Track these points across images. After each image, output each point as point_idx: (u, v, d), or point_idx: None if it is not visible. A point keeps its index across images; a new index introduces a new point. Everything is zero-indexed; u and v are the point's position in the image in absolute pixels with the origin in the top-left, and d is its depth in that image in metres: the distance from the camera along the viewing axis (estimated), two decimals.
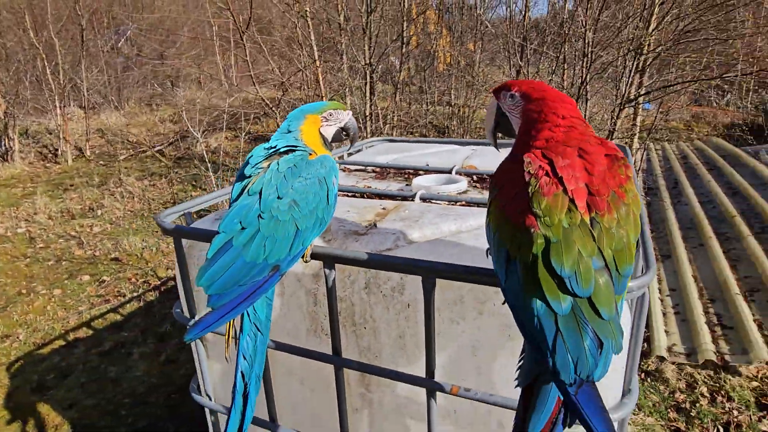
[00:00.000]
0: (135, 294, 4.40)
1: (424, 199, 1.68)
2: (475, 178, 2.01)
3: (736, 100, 11.19)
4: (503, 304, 1.02)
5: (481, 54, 9.52)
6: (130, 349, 3.57)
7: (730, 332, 3.25)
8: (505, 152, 2.49)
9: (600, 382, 0.77)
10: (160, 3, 18.11)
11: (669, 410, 2.85)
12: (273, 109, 5.46)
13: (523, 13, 6.91)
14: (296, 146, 1.11)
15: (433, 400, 1.16)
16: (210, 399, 1.61)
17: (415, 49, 7.70)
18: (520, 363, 0.90)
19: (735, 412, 2.79)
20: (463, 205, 1.62)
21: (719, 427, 2.73)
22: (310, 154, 1.11)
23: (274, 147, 1.11)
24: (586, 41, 4.78)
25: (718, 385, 2.98)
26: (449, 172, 2.04)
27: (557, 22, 6.33)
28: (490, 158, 2.29)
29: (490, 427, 1.19)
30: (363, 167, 2.25)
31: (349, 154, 2.57)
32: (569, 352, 0.75)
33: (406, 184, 1.98)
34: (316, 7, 5.95)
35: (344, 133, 1.29)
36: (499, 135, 1.22)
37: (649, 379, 3.05)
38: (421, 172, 2.15)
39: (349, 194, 1.82)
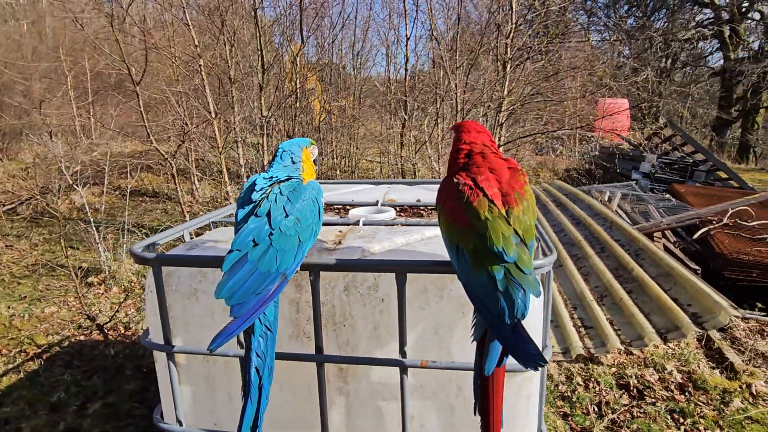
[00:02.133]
0: (11, 366, 3.88)
1: (366, 225, 2.00)
2: (398, 208, 2.39)
3: (568, 150, 13.61)
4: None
5: (361, 109, 10.37)
6: (18, 424, 3.16)
7: (591, 331, 4.00)
8: (416, 188, 2.94)
9: None
10: (2, 49, 16.28)
11: (556, 400, 3.41)
12: (169, 160, 5.37)
13: (404, 72, 7.88)
14: (292, 176, 1.38)
15: (405, 377, 1.44)
16: (181, 424, 1.67)
17: (301, 104, 8.16)
18: (473, 325, 1.25)
19: (603, 393, 3.44)
20: (398, 227, 1.97)
21: (594, 406, 3.34)
22: (303, 180, 1.39)
23: (275, 177, 1.36)
24: (457, 100, 5.74)
25: (588, 374, 3.64)
26: (375, 204, 2.40)
27: (433, 82, 7.41)
28: (405, 193, 2.70)
29: (451, 391, 1.49)
30: None
31: None
32: (507, 302, 1.11)
33: (341, 216, 2.28)
34: (212, 63, 6.12)
35: (315, 163, 1.60)
36: None
37: None
38: (348, 207, 2.47)
39: None
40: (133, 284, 5.30)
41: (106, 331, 4.08)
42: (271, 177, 1.36)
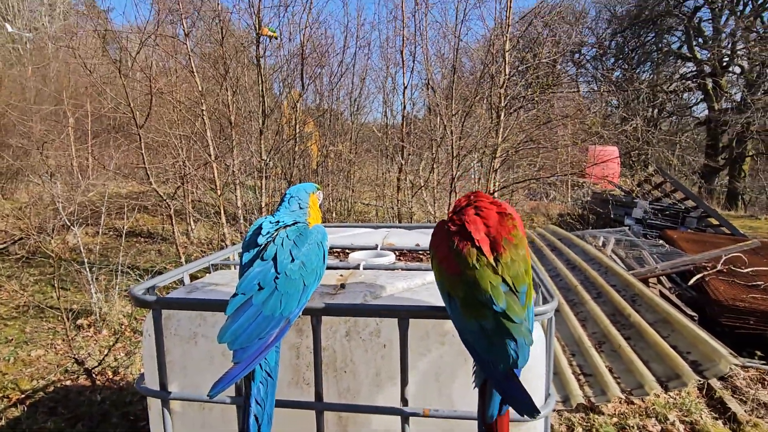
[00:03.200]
0: None
1: (367, 269, 2.01)
2: (397, 252, 2.41)
3: (561, 196, 13.83)
4: None
5: (357, 153, 10.58)
6: None
7: (591, 378, 3.93)
8: (414, 232, 2.95)
9: (529, 389, 1.12)
10: (6, 91, 16.61)
11: None
12: (167, 201, 5.40)
13: (402, 119, 8.13)
14: (298, 221, 1.40)
15: (407, 426, 1.41)
16: None
17: (300, 148, 8.36)
18: (474, 371, 1.23)
19: None
20: (398, 271, 1.98)
21: None
22: (309, 224, 1.41)
23: (282, 221, 1.38)
24: (453, 146, 5.91)
25: (589, 424, 3.56)
26: (375, 248, 2.41)
27: (429, 128, 7.64)
28: (403, 237, 2.72)
29: None
30: None
31: None
32: (498, 350, 1.11)
33: (341, 260, 2.29)
34: (214, 108, 6.31)
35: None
36: None
37: None
38: (347, 251, 2.48)
39: None
40: (123, 327, 5.19)
41: (94, 375, 3.96)
42: (278, 221, 1.38)
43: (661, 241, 7.65)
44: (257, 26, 6.20)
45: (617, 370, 3.98)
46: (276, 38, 6.66)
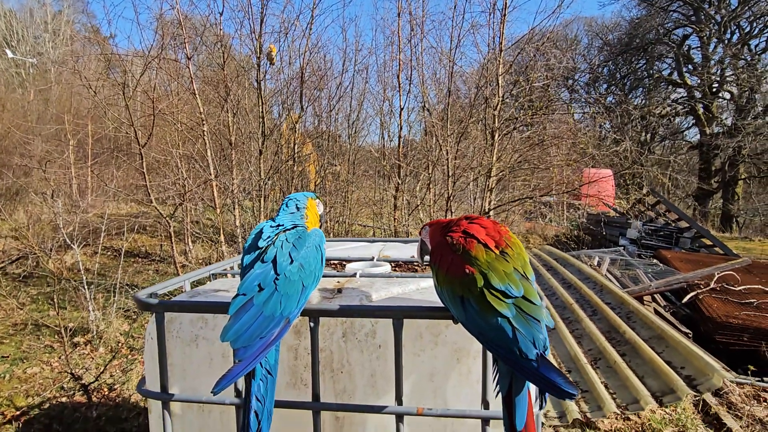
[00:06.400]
0: None
1: (363, 276, 2.07)
2: (393, 264, 2.47)
3: (557, 217, 13.97)
4: (456, 323, 1.41)
5: (355, 174, 10.73)
6: None
7: (587, 394, 3.95)
8: (410, 245, 3.03)
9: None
10: (9, 114, 16.86)
11: None
12: (167, 219, 5.47)
13: (398, 140, 8.32)
14: (297, 224, 1.47)
15: (401, 425, 1.46)
16: None
17: (298, 168, 8.50)
18: (496, 378, 1.22)
19: None
20: (393, 279, 2.04)
21: None
22: (307, 228, 1.48)
23: (281, 225, 1.45)
24: (448, 166, 6.05)
25: None
26: (371, 259, 2.48)
27: (425, 149, 7.81)
28: (399, 251, 2.79)
29: None
30: None
31: None
32: (526, 336, 1.13)
33: (338, 271, 2.35)
34: (215, 129, 6.46)
35: (321, 217, 1.70)
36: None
37: None
38: (344, 263, 2.55)
39: None
40: (120, 344, 5.19)
41: (90, 391, 3.96)
42: (278, 225, 1.45)
43: (655, 261, 7.72)
44: (258, 51, 6.40)
45: (613, 386, 3.99)
46: (272, 62, 6.82)
